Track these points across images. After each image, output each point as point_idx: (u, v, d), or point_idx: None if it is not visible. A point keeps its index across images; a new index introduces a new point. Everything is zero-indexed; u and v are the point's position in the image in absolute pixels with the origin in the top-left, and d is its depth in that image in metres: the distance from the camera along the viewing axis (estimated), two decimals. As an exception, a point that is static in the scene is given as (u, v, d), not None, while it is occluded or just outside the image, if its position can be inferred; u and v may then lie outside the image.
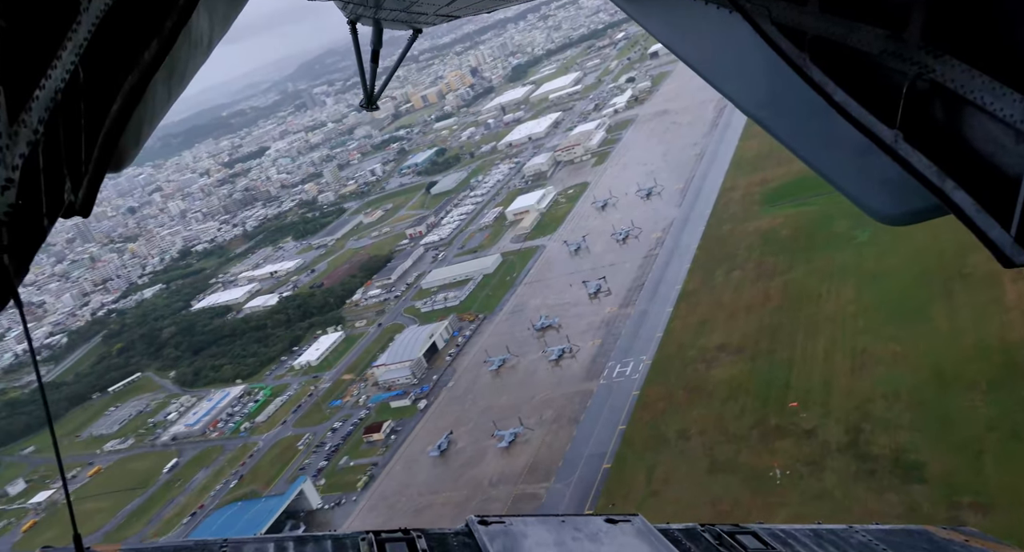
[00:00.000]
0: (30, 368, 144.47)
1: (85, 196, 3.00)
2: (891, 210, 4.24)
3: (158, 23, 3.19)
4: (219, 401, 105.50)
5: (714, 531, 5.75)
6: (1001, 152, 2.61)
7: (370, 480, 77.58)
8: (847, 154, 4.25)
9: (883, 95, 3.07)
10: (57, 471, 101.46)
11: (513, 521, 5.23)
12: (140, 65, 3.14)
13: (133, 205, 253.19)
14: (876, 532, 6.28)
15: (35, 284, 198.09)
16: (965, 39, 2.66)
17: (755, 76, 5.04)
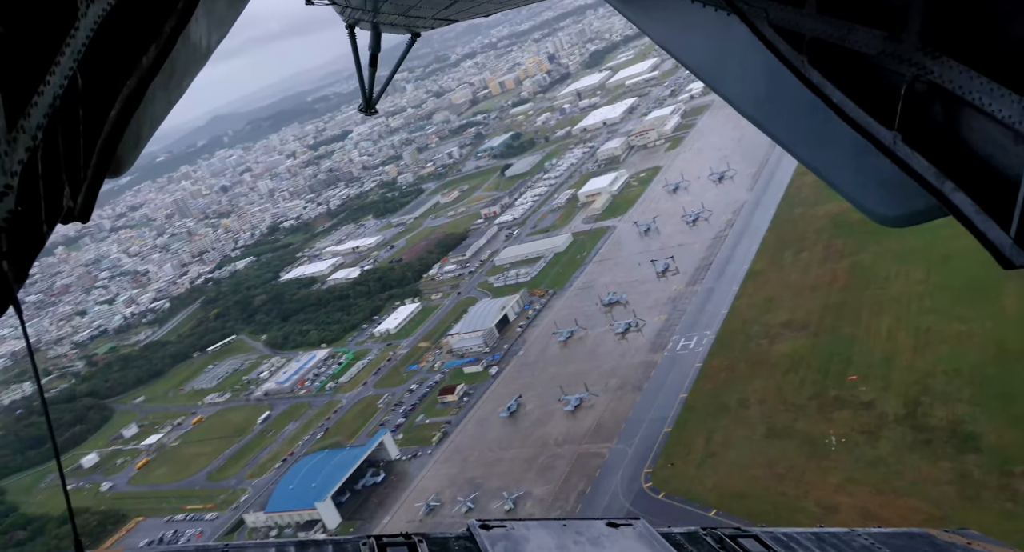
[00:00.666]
0: (139, 328, 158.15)
1: (84, 202, 2.99)
2: (890, 211, 4.20)
3: (156, 28, 3.20)
4: (306, 362, 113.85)
5: (716, 535, 5.77)
6: (1000, 153, 2.60)
7: (444, 436, 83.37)
8: (845, 155, 4.22)
9: (881, 97, 3.07)
10: (164, 418, 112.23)
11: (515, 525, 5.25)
12: (138, 70, 3.14)
13: (225, 184, 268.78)
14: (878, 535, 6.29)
15: (139, 255, 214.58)
16: (963, 40, 2.65)
17: (753, 78, 5.05)
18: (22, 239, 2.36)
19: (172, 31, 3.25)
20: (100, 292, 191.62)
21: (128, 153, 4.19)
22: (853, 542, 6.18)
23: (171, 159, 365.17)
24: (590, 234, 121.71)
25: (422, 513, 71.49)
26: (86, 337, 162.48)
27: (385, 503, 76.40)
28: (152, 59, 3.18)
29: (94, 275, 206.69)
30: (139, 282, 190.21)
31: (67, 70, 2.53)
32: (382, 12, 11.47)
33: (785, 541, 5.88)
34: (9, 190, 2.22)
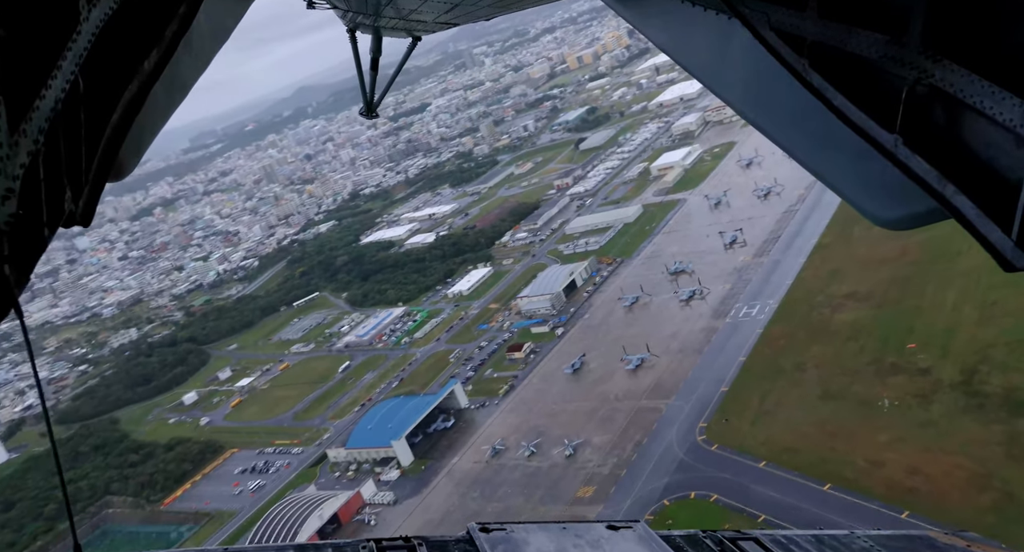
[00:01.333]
0: (231, 284, 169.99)
1: (86, 205, 3.00)
2: (891, 214, 4.20)
3: (158, 32, 3.21)
4: (383, 318, 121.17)
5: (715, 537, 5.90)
6: (1001, 156, 2.60)
7: (510, 389, 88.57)
8: (847, 159, 4.22)
9: (883, 100, 3.07)
10: (254, 364, 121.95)
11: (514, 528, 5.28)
12: (140, 74, 3.15)
13: (309, 152, 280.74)
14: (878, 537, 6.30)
15: (230, 217, 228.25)
16: (964, 44, 2.66)
17: (754, 82, 5.03)
18: (24, 243, 2.37)
19: (174, 36, 3.27)
20: (195, 250, 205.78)
21: (130, 157, 4.20)
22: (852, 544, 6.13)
23: (259, 128, 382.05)
24: (660, 206, 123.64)
25: (488, 455, 77.04)
26: (183, 290, 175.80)
27: (454, 446, 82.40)
28: (154, 64, 3.21)
29: (190, 234, 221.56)
30: (230, 241, 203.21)
31: (69, 74, 2.55)
32: (383, 16, 11.43)
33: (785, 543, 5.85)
34: (11, 194, 2.23)
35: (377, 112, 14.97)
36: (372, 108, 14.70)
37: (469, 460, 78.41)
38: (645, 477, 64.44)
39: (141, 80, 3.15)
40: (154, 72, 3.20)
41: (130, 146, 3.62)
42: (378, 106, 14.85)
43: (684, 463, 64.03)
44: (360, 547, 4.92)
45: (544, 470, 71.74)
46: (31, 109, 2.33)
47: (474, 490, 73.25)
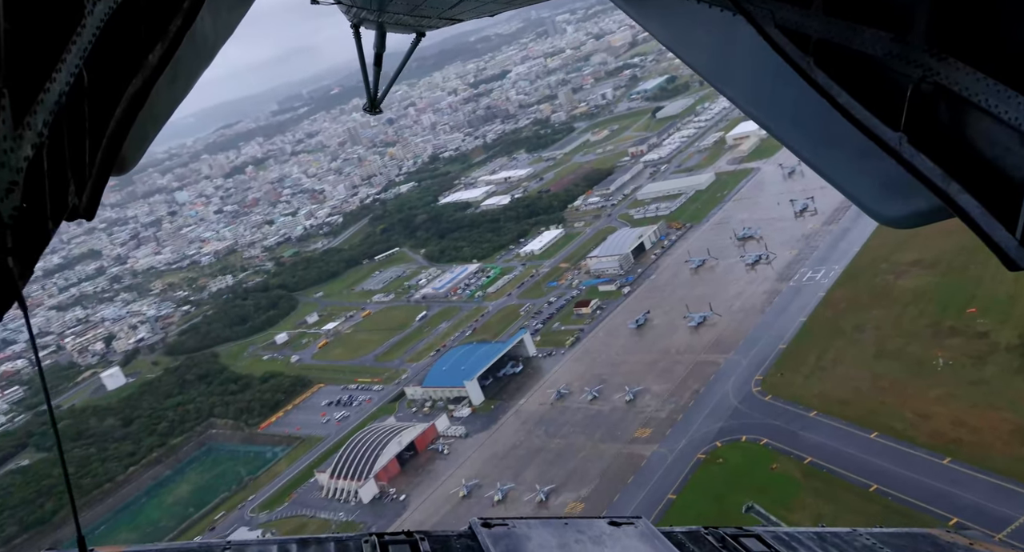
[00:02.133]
0: (317, 238, 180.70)
1: (89, 199, 2.99)
2: (895, 212, 4.24)
3: (162, 27, 3.21)
4: (459, 274, 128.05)
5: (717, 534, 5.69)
6: (1005, 155, 2.59)
7: (576, 341, 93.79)
8: (851, 156, 4.24)
9: (887, 98, 3.05)
10: (339, 310, 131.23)
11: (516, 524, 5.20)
12: (144, 69, 3.15)
13: (392, 117, 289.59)
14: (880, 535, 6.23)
15: (316, 176, 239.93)
16: (969, 42, 2.65)
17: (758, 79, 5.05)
18: (27, 236, 2.37)
19: (178, 30, 3.25)
20: (284, 206, 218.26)
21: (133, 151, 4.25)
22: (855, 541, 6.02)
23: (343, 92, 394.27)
24: (733, 174, 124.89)
25: (553, 398, 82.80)
26: (273, 242, 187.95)
27: (522, 389, 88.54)
28: (158, 58, 3.20)
29: (279, 191, 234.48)
30: (316, 199, 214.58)
31: (73, 68, 2.55)
32: (387, 11, 11.45)
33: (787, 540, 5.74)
34: (15, 187, 2.23)
35: (381, 108, 14.72)
36: (376, 104, 14.48)
37: (535, 402, 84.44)
38: (700, 421, 68.78)
39: (145, 74, 3.16)
40: (158, 66, 3.20)
41: (134, 140, 3.63)
42: (382, 102, 14.62)
43: (738, 411, 67.98)
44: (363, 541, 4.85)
45: (605, 413, 76.96)
46: (35, 102, 2.34)
47: (539, 428, 79.29)
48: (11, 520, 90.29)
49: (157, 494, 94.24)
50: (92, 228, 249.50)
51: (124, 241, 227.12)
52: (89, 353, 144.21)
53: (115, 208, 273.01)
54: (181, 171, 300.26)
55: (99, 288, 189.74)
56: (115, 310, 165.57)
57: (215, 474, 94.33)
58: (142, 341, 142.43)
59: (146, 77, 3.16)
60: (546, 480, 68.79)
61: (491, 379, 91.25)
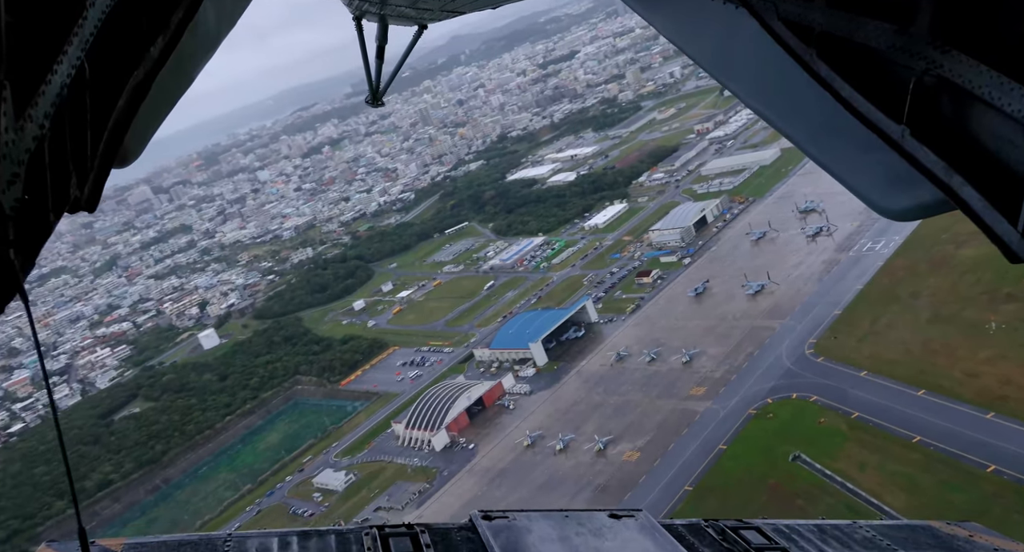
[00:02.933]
0: (390, 213, 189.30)
1: (91, 191, 3.00)
2: (897, 205, 4.21)
3: (164, 18, 3.21)
4: (525, 246, 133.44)
5: (718, 526, 5.67)
6: (1009, 148, 2.59)
7: (636, 308, 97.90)
8: (853, 149, 4.23)
9: (890, 90, 3.07)
10: (411, 280, 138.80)
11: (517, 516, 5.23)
12: (146, 60, 3.15)
13: (461, 98, 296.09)
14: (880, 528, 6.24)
15: (389, 155, 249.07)
16: (973, 34, 2.64)
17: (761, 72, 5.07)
18: (29, 228, 2.38)
19: (181, 21, 3.25)
20: (359, 184, 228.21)
21: (135, 143, 4.23)
22: (855, 534, 6.06)
23: (415, 75, 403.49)
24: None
25: (613, 360, 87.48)
26: (349, 218, 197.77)
27: (583, 352, 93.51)
28: (160, 50, 3.20)
29: (354, 170, 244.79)
30: (389, 177, 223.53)
31: (75, 60, 2.54)
32: (389, 4, 11.46)
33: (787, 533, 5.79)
34: (16, 179, 2.23)
35: (383, 101, 14.72)
36: (378, 96, 14.44)
37: (596, 363, 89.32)
38: (753, 381, 72.28)
39: (147, 66, 3.16)
40: (160, 58, 3.21)
41: (136, 132, 3.60)
42: (384, 94, 14.57)
43: (790, 371, 71.14)
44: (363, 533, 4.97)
45: (662, 373, 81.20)
46: (37, 94, 2.33)
47: (599, 386, 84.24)
48: (128, 458, 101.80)
49: (251, 441, 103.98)
50: (183, 205, 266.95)
51: (212, 217, 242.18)
52: (186, 317, 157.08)
53: (202, 186, 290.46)
54: (262, 151, 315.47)
55: (191, 260, 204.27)
56: (207, 279, 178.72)
57: (301, 424, 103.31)
58: (232, 306, 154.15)
59: (148, 69, 3.18)
60: (604, 432, 73.77)
61: (554, 342, 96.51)
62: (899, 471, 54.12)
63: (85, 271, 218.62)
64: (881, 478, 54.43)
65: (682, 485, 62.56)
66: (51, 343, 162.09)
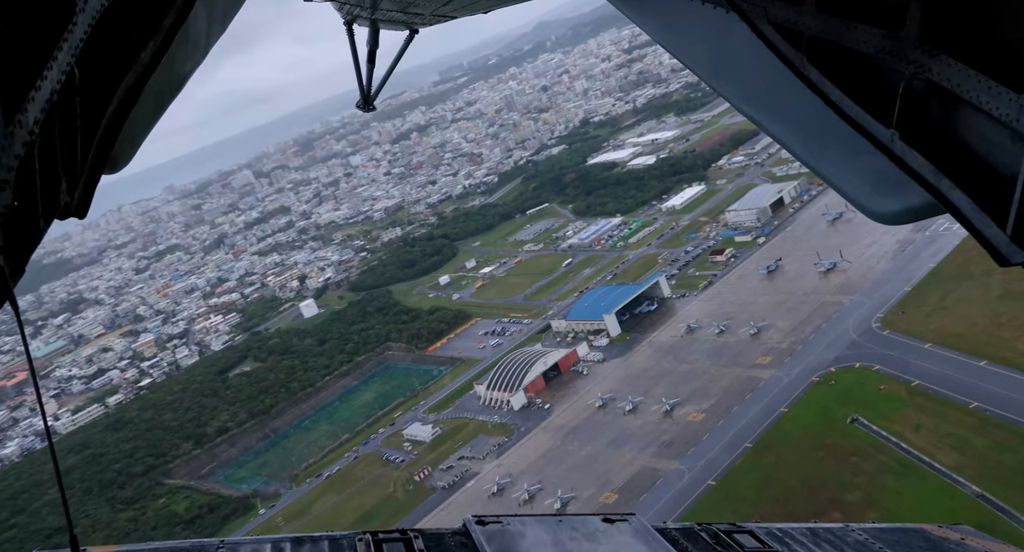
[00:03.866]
0: (474, 196, 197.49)
1: (81, 197, 2.98)
2: (887, 208, 4.24)
3: (155, 23, 3.19)
4: (603, 226, 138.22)
5: (711, 530, 5.69)
6: (997, 151, 2.61)
7: (708, 284, 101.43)
8: (844, 153, 4.26)
9: (880, 94, 3.09)
10: (493, 257, 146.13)
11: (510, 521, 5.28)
12: (137, 65, 3.13)
13: (546, 84, 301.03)
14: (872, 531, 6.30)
15: (474, 141, 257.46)
16: (961, 38, 2.67)
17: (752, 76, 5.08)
18: (19, 234, 2.37)
19: (171, 26, 3.23)
20: (445, 168, 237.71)
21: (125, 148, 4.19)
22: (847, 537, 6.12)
23: (500, 62, 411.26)
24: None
25: (683, 331, 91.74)
26: (436, 200, 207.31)
27: (655, 324, 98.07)
28: (151, 54, 3.18)
29: (440, 155, 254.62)
30: (474, 161, 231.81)
31: (65, 65, 2.54)
32: (380, 8, 11.51)
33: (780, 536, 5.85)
34: (6, 185, 2.24)
35: (374, 105, 14.72)
36: (369, 101, 14.47)
37: (667, 334, 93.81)
38: (818, 351, 75.31)
39: (138, 71, 3.14)
40: (151, 63, 3.19)
41: (126, 138, 3.56)
42: (375, 99, 14.61)
43: (855, 343, 73.76)
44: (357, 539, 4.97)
45: (730, 344, 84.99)
46: (27, 100, 2.33)
47: (669, 355, 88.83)
48: (241, 410, 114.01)
49: (347, 398, 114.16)
50: (281, 188, 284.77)
51: (308, 199, 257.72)
52: (287, 289, 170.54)
53: (299, 171, 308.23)
54: (354, 138, 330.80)
55: (290, 238, 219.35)
56: (305, 255, 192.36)
57: (392, 385, 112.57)
58: (329, 280, 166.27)
59: (139, 74, 3.15)
60: (672, 395, 78.55)
61: (628, 315, 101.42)
62: (953, 433, 56.75)
63: (196, 248, 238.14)
64: (935, 439, 57.21)
65: (742, 442, 66.86)
66: (170, 311, 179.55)
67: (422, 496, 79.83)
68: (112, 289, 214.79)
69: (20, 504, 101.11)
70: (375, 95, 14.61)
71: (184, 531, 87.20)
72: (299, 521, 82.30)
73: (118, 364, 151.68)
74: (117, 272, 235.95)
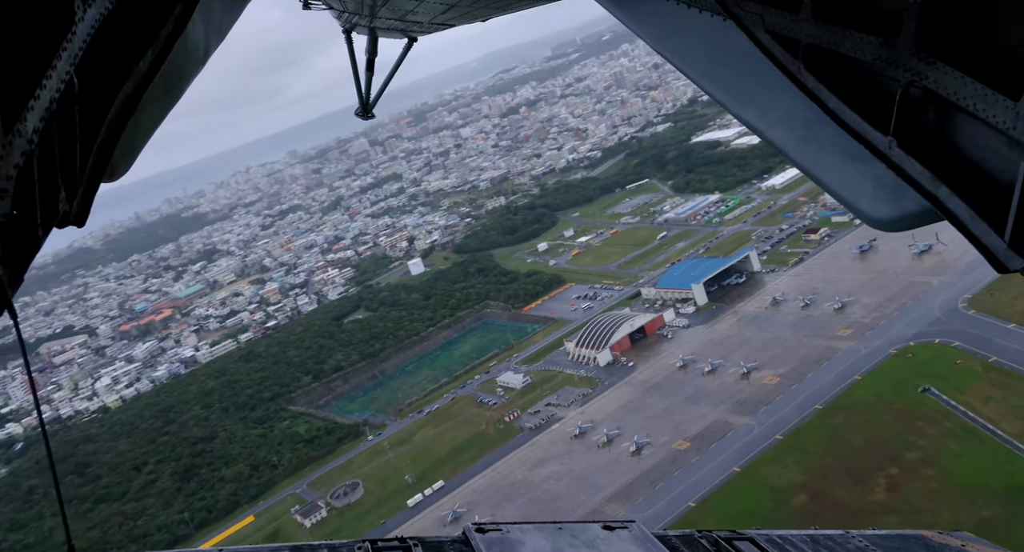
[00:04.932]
0: (577, 170, 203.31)
1: (80, 205, 2.99)
2: (885, 215, 4.24)
3: (154, 32, 3.21)
4: (700, 202, 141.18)
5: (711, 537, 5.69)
6: (994, 158, 2.62)
7: (799, 261, 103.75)
8: (841, 160, 4.28)
9: (877, 102, 3.10)
10: (591, 228, 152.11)
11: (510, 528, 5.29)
12: (136, 75, 3.14)
13: (657, 62, 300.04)
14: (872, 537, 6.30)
15: (581, 116, 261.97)
16: (957, 46, 2.68)
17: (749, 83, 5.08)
18: (17, 243, 2.38)
19: (169, 36, 3.26)
20: (551, 142, 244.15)
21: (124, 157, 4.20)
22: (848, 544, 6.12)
23: (614, 38, 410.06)
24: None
25: (768, 303, 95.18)
26: (540, 172, 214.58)
27: (742, 296, 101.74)
28: (149, 64, 3.20)
29: (547, 129, 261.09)
30: (580, 136, 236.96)
31: (64, 74, 2.55)
32: (379, 17, 11.44)
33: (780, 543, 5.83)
34: (5, 194, 2.23)
35: (373, 113, 14.79)
36: (368, 108, 14.55)
37: (752, 306, 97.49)
38: (900, 327, 77.57)
39: (136, 80, 3.16)
40: (149, 72, 3.20)
41: (124, 147, 3.57)
42: (374, 106, 14.67)
43: (938, 320, 75.56)
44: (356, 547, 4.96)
45: (814, 316, 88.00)
46: (26, 109, 2.34)
47: (751, 325, 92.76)
48: (354, 352, 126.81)
49: (447, 348, 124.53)
50: (395, 156, 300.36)
51: (419, 167, 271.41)
52: (396, 249, 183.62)
53: (411, 141, 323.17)
54: (465, 110, 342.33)
55: (401, 203, 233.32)
56: (414, 219, 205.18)
57: (488, 339, 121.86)
58: (435, 242, 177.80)
59: (137, 83, 3.17)
60: (750, 360, 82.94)
61: (716, 287, 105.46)
62: (1021, 405, 58.95)
63: (315, 209, 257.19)
64: (1002, 410, 59.60)
65: (813, 404, 70.96)
66: (292, 263, 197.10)
67: (511, 434, 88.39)
68: (241, 242, 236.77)
69: (171, 416, 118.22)
70: (374, 103, 14.65)
71: (305, 448, 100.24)
72: (402, 448, 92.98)
73: (247, 307, 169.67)
74: (245, 227, 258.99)
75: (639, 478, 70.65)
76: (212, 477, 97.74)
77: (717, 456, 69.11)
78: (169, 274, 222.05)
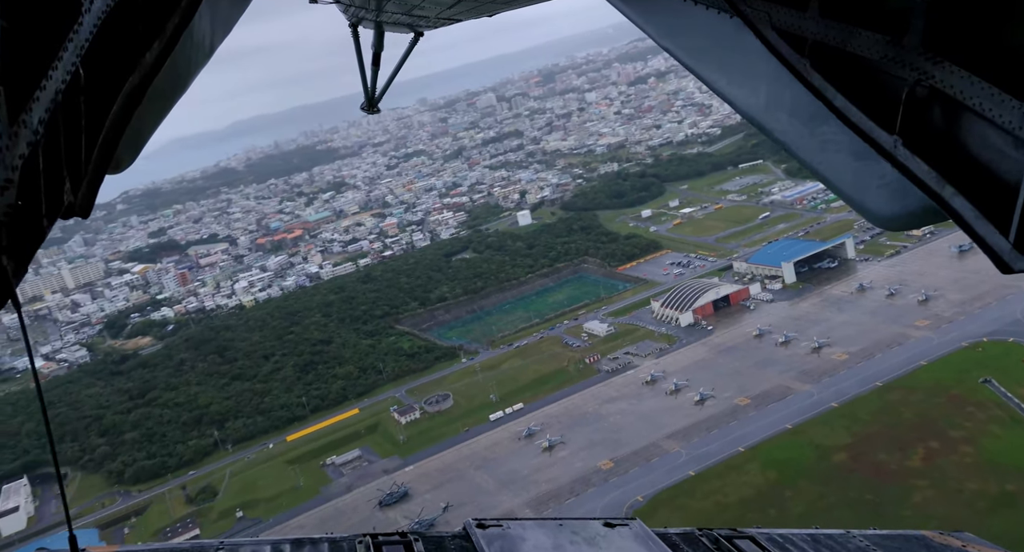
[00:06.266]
0: (694, 145, 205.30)
1: (84, 197, 3.01)
2: (890, 214, 4.25)
3: (160, 24, 3.22)
4: (809, 187, 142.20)
5: (712, 535, 5.69)
6: (1000, 158, 2.61)
7: (895, 253, 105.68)
8: (847, 159, 4.30)
9: (883, 101, 3.10)
10: (696, 201, 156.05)
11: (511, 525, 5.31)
12: (141, 67, 3.16)
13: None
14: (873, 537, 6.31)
15: (708, 92, 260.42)
16: (964, 46, 2.67)
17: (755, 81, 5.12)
18: (22, 234, 2.38)
19: (176, 28, 3.27)
20: (673, 115, 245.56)
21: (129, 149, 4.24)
22: (848, 544, 6.10)
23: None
24: None
25: (854, 289, 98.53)
26: (656, 143, 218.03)
27: (831, 279, 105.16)
28: (155, 56, 3.21)
29: (672, 102, 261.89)
30: (703, 112, 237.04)
31: (70, 65, 2.56)
32: (385, 11, 11.47)
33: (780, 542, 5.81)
34: (10, 184, 2.24)
35: (379, 107, 14.86)
36: (373, 103, 14.61)
37: (839, 289, 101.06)
38: (978, 324, 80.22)
39: (142, 72, 3.17)
40: (155, 65, 3.22)
41: (129, 139, 3.58)
42: (379, 101, 14.73)
43: (1018, 321, 77.77)
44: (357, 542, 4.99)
45: (897, 306, 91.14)
46: (31, 100, 2.34)
47: (833, 306, 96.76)
48: (458, 286, 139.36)
49: (543, 295, 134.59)
50: (519, 114, 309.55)
51: (540, 127, 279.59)
52: (508, 200, 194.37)
53: (537, 100, 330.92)
54: (593, 75, 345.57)
55: (518, 158, 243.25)
56: (528, 175, 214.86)
57: (581, 291, 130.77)
58: (545, 198, 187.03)
59: (143, 75, 3.18)
60: (824, 336, 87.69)
61: (807, 268, 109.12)
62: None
63: (438, 156, 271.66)
64: (1054, 406, 62.90)
65: (874, 381, 75.78)
66: (411, 202, 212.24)
67: (588, 374, 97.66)
68: (367, 178, 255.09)
69: (295, 319, 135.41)
70: (380, 97, 14.78)
71: (407, 361, 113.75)
72: (490, 372, 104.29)
73: (367, 237, 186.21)
74: (372, 165, 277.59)
75: (698, 423, 78.33)
76: (327, 373, 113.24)
77: (773, 414, 75.62)
78: (301, 199, 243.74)
